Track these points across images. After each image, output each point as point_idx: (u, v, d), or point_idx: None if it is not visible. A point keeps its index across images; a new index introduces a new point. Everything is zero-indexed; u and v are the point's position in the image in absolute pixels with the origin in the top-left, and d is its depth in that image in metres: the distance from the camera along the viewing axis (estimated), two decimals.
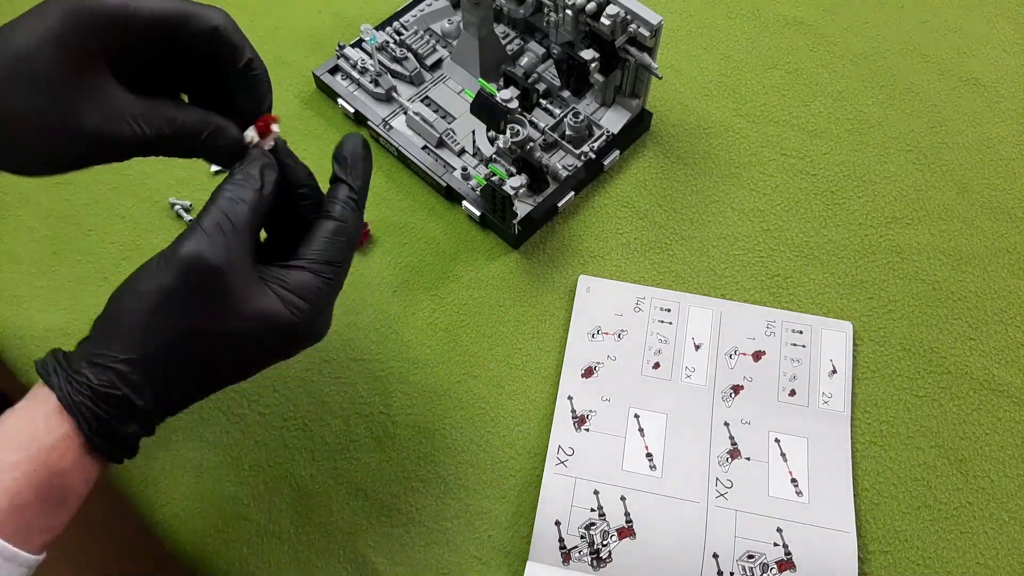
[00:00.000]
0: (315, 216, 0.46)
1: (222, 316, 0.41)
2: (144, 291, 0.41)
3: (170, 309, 0.41)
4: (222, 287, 0.41)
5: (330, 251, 0.44)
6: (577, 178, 0.67)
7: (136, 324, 0.41)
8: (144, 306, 0.41)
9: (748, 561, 0.54)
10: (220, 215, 0.42)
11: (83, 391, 0.40)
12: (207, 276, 0.41)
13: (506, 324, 0.63)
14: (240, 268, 0.42)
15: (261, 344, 0.43)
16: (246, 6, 0.80)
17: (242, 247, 0.42)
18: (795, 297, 0.64)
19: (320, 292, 0.44)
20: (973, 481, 0.57)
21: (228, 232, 0.41)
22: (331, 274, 0.44)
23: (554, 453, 0.57)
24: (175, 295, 0.41)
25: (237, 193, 0.43)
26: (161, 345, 0.41)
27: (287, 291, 0.43)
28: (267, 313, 0.42)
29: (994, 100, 0.74)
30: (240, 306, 0.42)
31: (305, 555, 0.55)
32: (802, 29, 0.78)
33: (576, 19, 0.64)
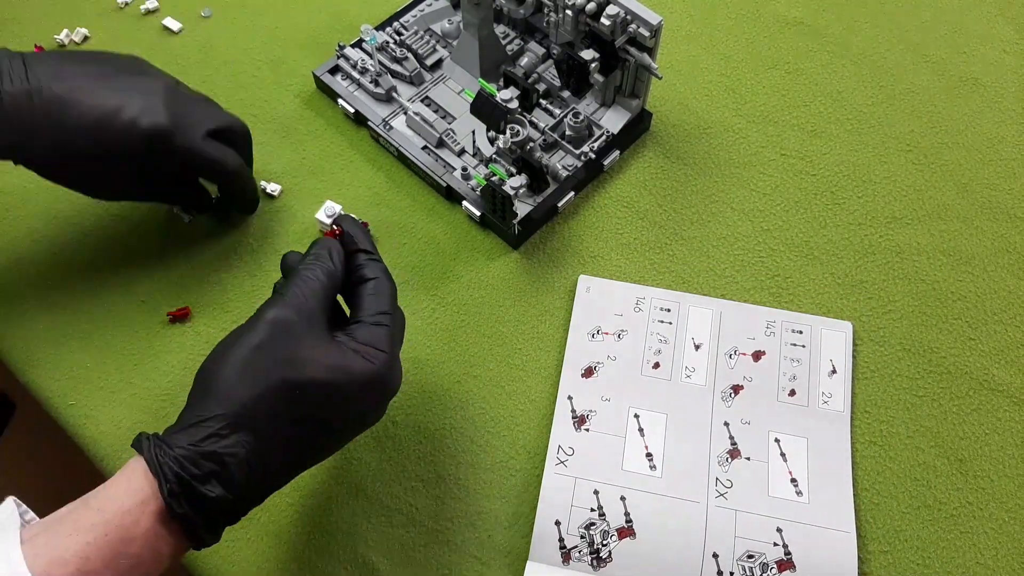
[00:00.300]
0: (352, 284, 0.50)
1: (307, 366, 0.44)
2: (233, 353, 0.44)
3: (259, 364, 0.43)
4: (303, 341, 0.45)
5: (378, 303, 0.49)
6: (577, 178, 0.67)
7: (228, 383, 0.43)
8: (234, 365, 0.43)
9: (748, 561, 0.54)
10: (297, 287, 0.47)
11: (171, 452, 0.41)
12: (289, 330, 0.45)
13: (506, 324, 0.63)
14: (318, 327, 0.46)
15: (345, 395, 0.45)
16: (246, 6, 0.80)
17: (319, 312, 0.47)
18: (795, 297, 0.64)
19: (386, 338, 0.47)
20: (973, 481, 0.57)
21: (305, 298, 0.46)
22: (388, 322, 0.48)
23: (554, 453, 0.57)
24: (262, 351, 0.44)
25: (310, 272, 0.48)
26: (252, 397, 0.43)
27: (358, 343, 0.46)
28: (347, 363, 0.45)
29: (994, 100, 0.74)
30: (321, 358, 0.45)
31: (305, 555, 0.55)
32: (802, 29, 0.78)
33: (576, 19, 0.64)
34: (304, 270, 0.48)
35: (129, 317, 0.63)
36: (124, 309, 0.64)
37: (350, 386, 0.45)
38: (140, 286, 0.65)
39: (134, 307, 0.64)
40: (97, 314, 0.63)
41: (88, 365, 0.61)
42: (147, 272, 0.65)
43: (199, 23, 0.79)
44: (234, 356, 0.44)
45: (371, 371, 0.46)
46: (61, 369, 0.61)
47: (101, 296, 0.64)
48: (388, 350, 0.47)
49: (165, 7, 0.80)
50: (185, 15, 0.79)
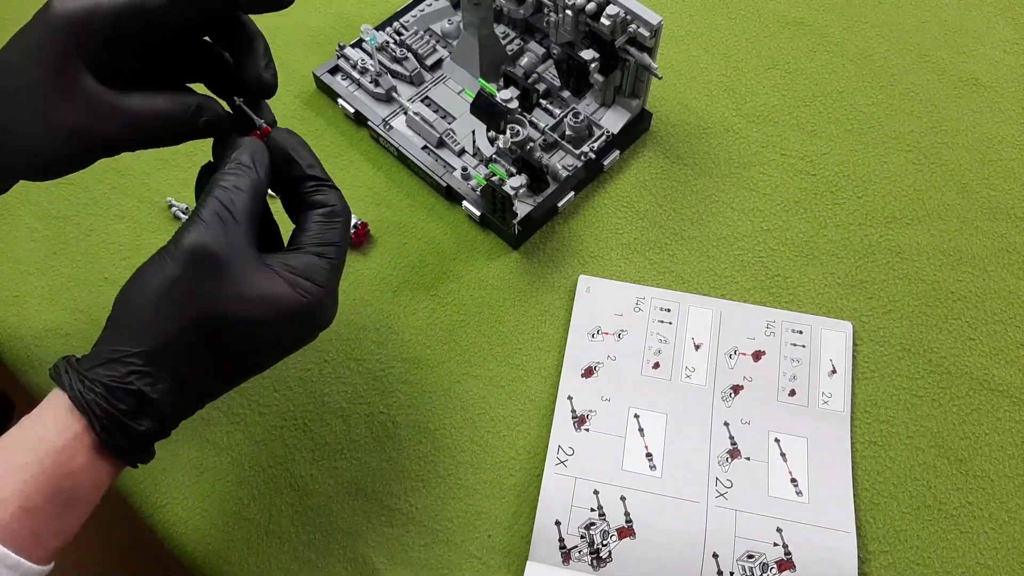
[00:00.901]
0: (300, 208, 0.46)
1: (229, 301, 0.41)
2: (150, 284, 0.41)
3: (177, 298, 0.41)
4: (226, 272, 0.41)
5: (327, 233, 0.45)
6: (577, 178, 0.67)
7: (145, 317, 0.41)
8: (151, 299, 0.41)
9: (748, 561, 0.54)
10: (217, 205, 0.42)
11: (95, 388, 0.40)
12: (210, 262, 0.41)
13: (506, 324, 0.63)
14: (242, 254, 0.42)
15: (273, 329, 0.43)
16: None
17: (243, 234, 0.42)
18: (795, 297, 0.64)
19: (325, 272, 0.44)
20: (973, 481, 0.57)
21: (227, 220, 0.42)
22: (333, 254, 0.45)
23: (554, 453, 0.57)
24: (181, 284, 0.41)
25: (231, 182, 0.43)
26: (172, 334, 0.41)
27: (293, 275, 0.43)
28: (275, 296, 0.42)
29: (994, 100, 0.74)
30: (247, 290, 0.42)
31: (305, 555, 0.55)
32: (802, 29, 0.78)
33: (576, 19, 0.64)
34: (223, 182, 0.43)
35: None
36: None
37: (278, 321, 0.42)
38: None
39: None
40: (97, 314, 0.63)
41: None
42: None
43: None
44: (152, 287, 0.41)
45: (302, 305, 0.43)
46: None
47: (101, 296, 0.64)
48: (324, 284, 0.44)
49: None
50: None
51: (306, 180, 0.46)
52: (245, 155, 0.45)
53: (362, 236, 0.66)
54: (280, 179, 0.47)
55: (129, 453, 0.42)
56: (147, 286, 0.42)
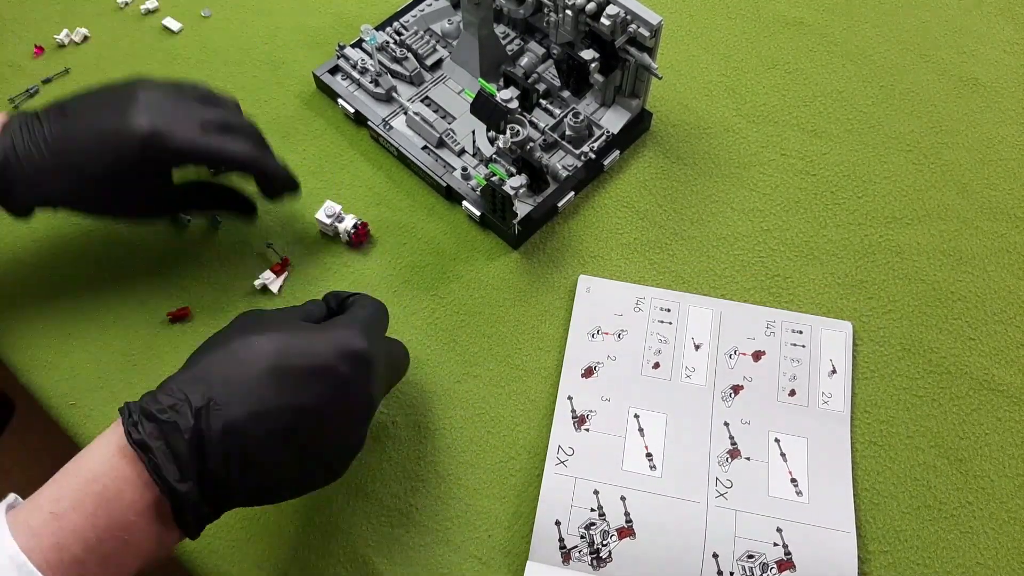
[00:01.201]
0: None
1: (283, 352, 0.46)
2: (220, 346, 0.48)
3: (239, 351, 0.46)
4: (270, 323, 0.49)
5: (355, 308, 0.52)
6: (577, 178, 0.67)
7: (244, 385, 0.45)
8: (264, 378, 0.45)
9: (748, 561, 0.54)
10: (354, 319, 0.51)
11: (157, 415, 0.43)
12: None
13: (506, 324, 0.63)
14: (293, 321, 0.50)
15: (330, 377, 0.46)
16: (246, 6, 0.80)
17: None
18: (795, 297, 0.64)
19: (354, 319, 0.50)
20: (973, 481, 0.57)
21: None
22: (358, 308, 0.52)
23: (554, 453, 0.57)
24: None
25: (369, 302, 0.53)
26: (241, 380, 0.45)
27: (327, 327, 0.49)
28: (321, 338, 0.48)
29: (994, 100, 0.74)
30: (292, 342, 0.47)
31: (305, 555, 0.55)
32: (802, 29, 0.78)
33: (576, 19, 0.64)
34: (363, 301, 0.53)
35: (129, 317, 0.63)
36: (124, 309, 0.64)
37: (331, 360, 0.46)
38: (140, 286, 0.65)
39: (134, 307, 0.64)
40: (97, 314, 0.63)
41: (88, 365, 0.61)
42: (147, 272, 0.65)
43: (199, 23, 0.79)
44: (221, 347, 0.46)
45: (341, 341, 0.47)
46: (61, 369, 0.61)
47: (101, 296, 0.64)
48: (357, 323, 0.49)
49: (165, 7, 0.80)
50: (185, 15, 0.79)
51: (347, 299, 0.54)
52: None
53: (362, 236, 0.66)
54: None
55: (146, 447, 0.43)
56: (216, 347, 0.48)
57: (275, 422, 0.44)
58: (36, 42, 0.77)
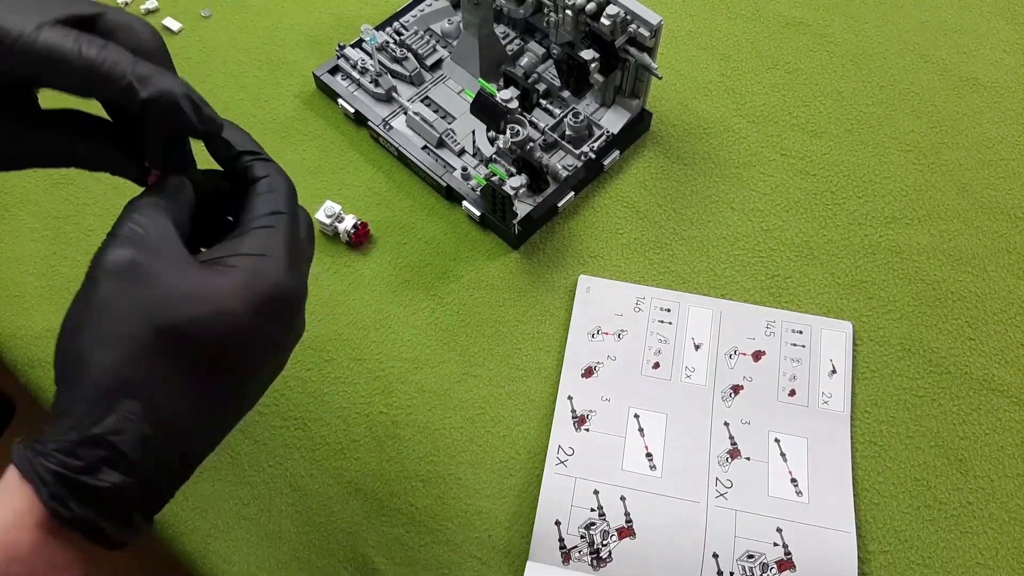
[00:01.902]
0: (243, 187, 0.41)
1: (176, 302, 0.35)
2: (82, 319, 0.36)
3: (114, 319, 0.35)
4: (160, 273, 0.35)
5: (268, 204, 0.39)
6: (577, 178, 0.67)
7: (84, 354, 0.34)
8: (87, 332, 0.35)
9: (748, 561, 0.54)
10: (129, 220, 0.37)
11: (42, 448, 0.33)
12: (138, 268, 0.35)
13: (506, 324, 0.63)
14: (171, 253, 0.36)
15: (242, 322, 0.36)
16: (246, 6, 0.80)
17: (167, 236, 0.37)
18: (795, 297, 0.64)
19: (275, 242, 0.38)
20: (973, 481, 0.57)
21: (145, 228, 0.37)
22: (280, 223, 0.39)
23: (554, 453, 0.57)
24: (113, 304, 0.35)
25: (143, 199, 0.38)
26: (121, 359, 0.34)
27: (240, 256, 0.37)
28: (227, 283, 0.36)
29: (994, 100, 0.74)
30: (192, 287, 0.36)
31: (305, 555, 0.55)
32: (802, 29, 0.78)
33: (576, 19, 0.64)
34: (137, 200, 0.38)
35: None
36: None
37: (240, 310, 0.36)
38: None
39: None
40: None
41: None
42: None
43: (199, 23, 0.79)
44: (84, 323, 0.35)
45: (262, 285, 0.36)
46: None
47: None
48: (279, 255, 0.37)
49: (165, 7, 0.80)
50: (185, 15, 0.79)
51: (240, 156, 0.41)
52: (163, 182, 0.40)
53: (362, 236, 0.66)
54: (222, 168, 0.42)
55: (88, 523, 0.34)
56: (78, 325, 0.35)
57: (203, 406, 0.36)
58: None
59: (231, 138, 0.41)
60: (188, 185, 0.40)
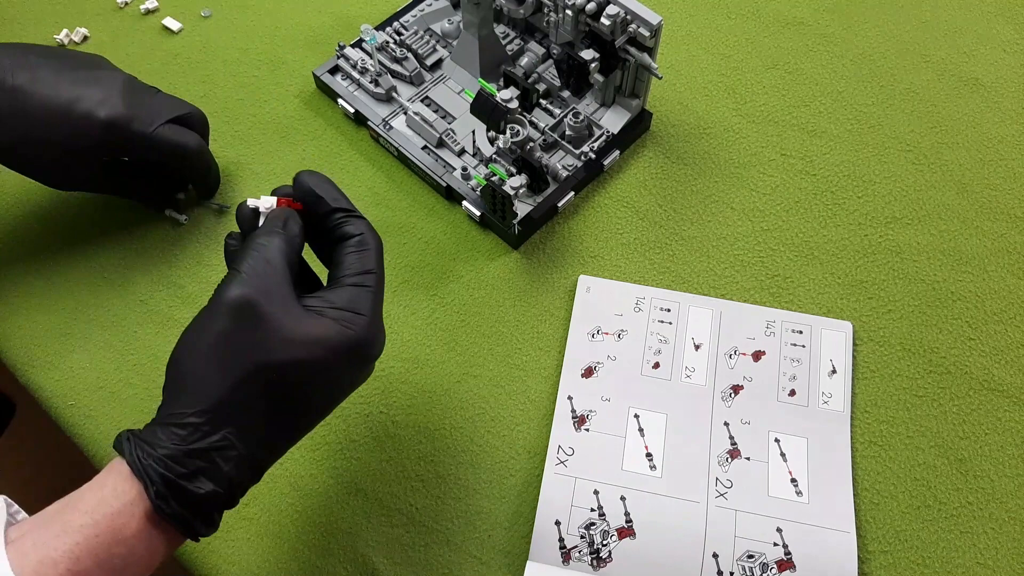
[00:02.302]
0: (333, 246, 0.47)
1: (277, 346, 0.42)
2: (199, 343, 0.42)
3: (227, 352, 0.41)
4: (270, 319, 0.42)
5: (360, 262, 0.46)
6: (577, 178, 0.67)
7: (199, 376, 0.41)
8: (202, 357, 0.42)
9: (748, 561, 0.54)
10: (255, 258, 0.43)
11: (152, 452, 0.40)
12: (253, 311, 0.42)
13: (506, 324, 0.63)
14: (283, 300, 0.43)
15: (324, 367, 0.43)
16: (246, 6, 0.80)
17: (282, 282, 0.43)
18: (795, 297, 0.64)
19: (367, 301, 0.45)
20: (973, 481, 0.57)
21: (265, 271, 0.43)
22: (371, 282, 0.45)
23: (554, 453, 0.57)
24: (228, 337, 0.42)
25: (265, 238, 0.44)
26: (227, 389, 0.41)
27: (335, 309, 0.44)
28: (321, 334, 0.43)
29: (994, 100, 0.74)
30: (293, 334, 0.42)
31: (305, 555, 0.55)
32: (802, 29, 0.78)
33: (576, 19, 0.64)
34: (259, 239, 0.44)
35: (129, 317, 0.63)
36: (124, 309, 0.64)
37: (329, 358, 0.43)
38: (139, 286, 0.65)
39: (134, 307, 0.64)
40: (97, 314, 0.63)
41: (88, 365, 0.61)
42: (147, 272, 0.65)
43: (199, 23, 0.79)
44: (202, 346, 0.42)
45: (350, 338, 0.43)
46: (61, 369, 0.61)
47: (101, 296, 0.64)
48: (368, 313, 0.44)
49: (165, 7, 0.80)
50: (185, 15, 0.79)
51: (333, 213, 0.47)
52: (276, 215, 0.46)
53: None
54: (309, 221, 0.48)
55: (184, 520, 0.41)
56: (196, 345, 0.42)
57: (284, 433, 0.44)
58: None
59: (324, 194, 0.47)
60: (298, 217, 0.47)
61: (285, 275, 0.44)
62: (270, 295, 0.42)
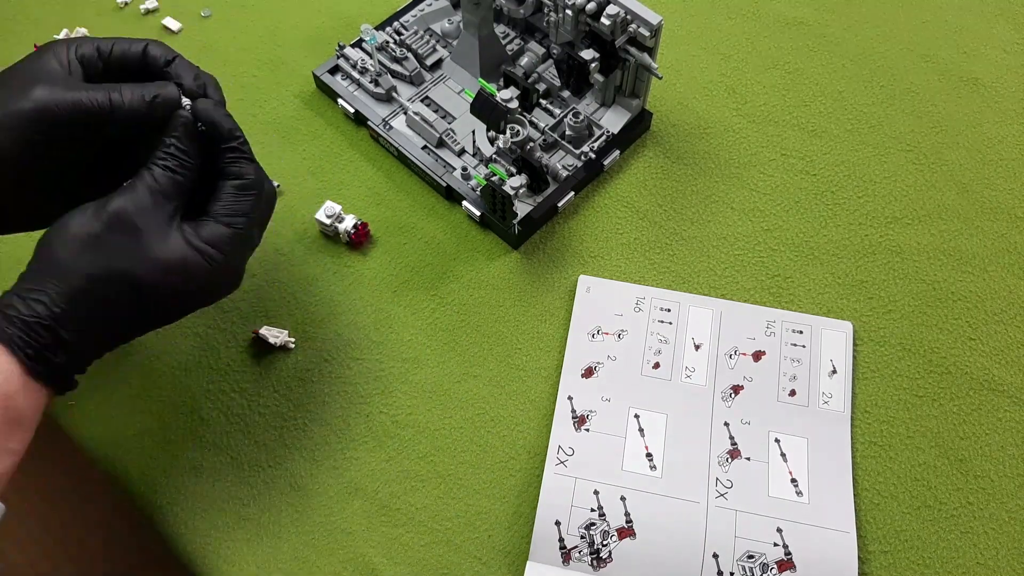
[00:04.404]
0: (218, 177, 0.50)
1: (141, 264, 0.46)
2: (73, 235, 0.46)
3: (96, 252, 0.46)
4: (141, 239, 0.46)
5: (237, 204, 0.49)
6: (577, 178, 0.67)
7: (64, 264, 0.46)
8: (73, 248, 0.46)
9: (748, 561, 0.54)
10: (151, 179, 0.47)
11: (14, 322, 0.44)
12: (129, 227, 0.46)
13: (506, 324, 0.63)
14: (160, 225, 0.46)
15: (178, 290, 0.47)
16: (246, 6, 0.80)
17: (164, 206, 0.47)
18: (795, 297, 0.64)
19: (230, 241, 0.48)
20: (973, 481, 0.57)
21: (153, 192, 0.47)
22: (241, 225, 0.48)
23: (554, 453, 0.57)
24: (101, 241, 0.46)
25: (165, 162, 0.48)
26: (86, 281, 0.45)
27: (200, 241, 0.47)
28: (181, 261, 0.47)
29: (994, 100, 0.74)
30: (157, 255, 0.46)
31: (305, 555, 0.55)
32: (802, 29, 0.78)
33: (576, 19, 0.64)
34: (160, 159, 0.48)
35: None
36: None
37: (179, 284, 0.47)
38: None
39: None
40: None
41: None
42: None
43: (199, 23, 0.79)
44: (75, 238, 0.46)
45: (205, 272, 0.47)
46: None
47: None
48: (227, 253, 0.48)
49: (165, 7, 0.80)
50: (185, 15, 0.79)
51: (226, 151, 0.49)
52: (179, 132, 0.48)
53: (362, 236, 0.66)
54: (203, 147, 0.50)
55: (52, 380, 0.46)
56: (70, 236, 0.46)
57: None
58: (36, 42, 0.77)
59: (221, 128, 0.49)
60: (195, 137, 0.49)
61: (175, 198, 0.47)
62: (151, 218, 0.46)
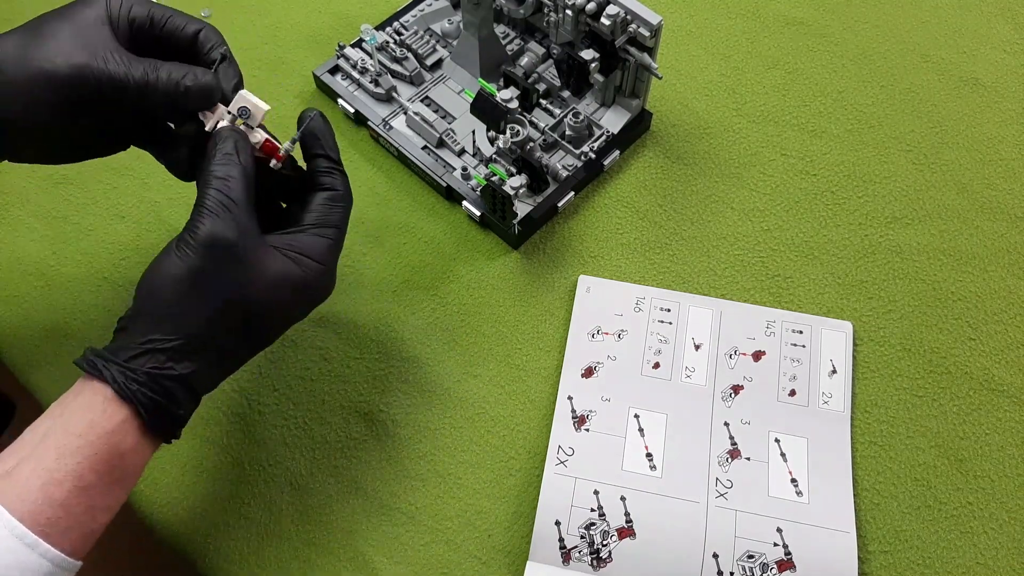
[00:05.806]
0: (308, 188, 0.51)
1: (251, 285, 0.46)
2: (175, 276, 0.45)
3: (205, 288, 0.45)
4: (243, 259, 0.45)
5: (330, 216, 0.50)
6: (577, 178, 0.67)
7: (176, 308, 0.45)
8: (180, 290, 0.45)
9: (748, 561, 0.54)
10: (218, 195, 0.45)
11: (138, 378, 0.44)
12: (228, 251, 0.45)
13: (506, 324, 0.63)
14: (253, 239, 0.46)
15: (283, 304, 0.48)
16: (246, 6, 0.80)
17: (248, 219, 0.46)
18: (795, 297, 0.64)
19: (327, 252, 0.49)
20: (973, 481, 0.57)
21: (231, 208, 0.45)
22: (333, 236, 0.49)
23: (554, 453, 0.57)
24: (205, 274, 0.45)
25: (225, 171, 0.46)
26: (204, 322, 0.45)
27: (299, 254, 0.48)
28: (286, 275, 0.47)
29: (994, 100, 0.74)
30: (263, 273, 0.46)
31: (305, 554, 0.55)
32: (802, 29, 0.78)
33: (576, 19, 0.64)
34: (217, 172, 0.46)
35: None
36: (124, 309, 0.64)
37: (289, 298, 0.48)
38: None
39: None
40: (97, 314, 0.63)
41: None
42: None
43: None
44: (178, 279, 0.45)
45: (308, 282, 0.48)
46: (61, 369, 0.61)
47: (101, 296, 0.64)
48: (326, 263, 0.49)
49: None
50: None
51: (320, 159, 0.51)
52: (228, 144, 0.48)
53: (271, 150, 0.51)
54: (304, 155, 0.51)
55: (169, 434, 0.46)
56: (172, 278, 0.45)
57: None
58: None
59: (324, 140, 0.51)
60: (247, 141, 0.49)
61: (251, 212, 0.46)
62: (240, 233, 0.45)
